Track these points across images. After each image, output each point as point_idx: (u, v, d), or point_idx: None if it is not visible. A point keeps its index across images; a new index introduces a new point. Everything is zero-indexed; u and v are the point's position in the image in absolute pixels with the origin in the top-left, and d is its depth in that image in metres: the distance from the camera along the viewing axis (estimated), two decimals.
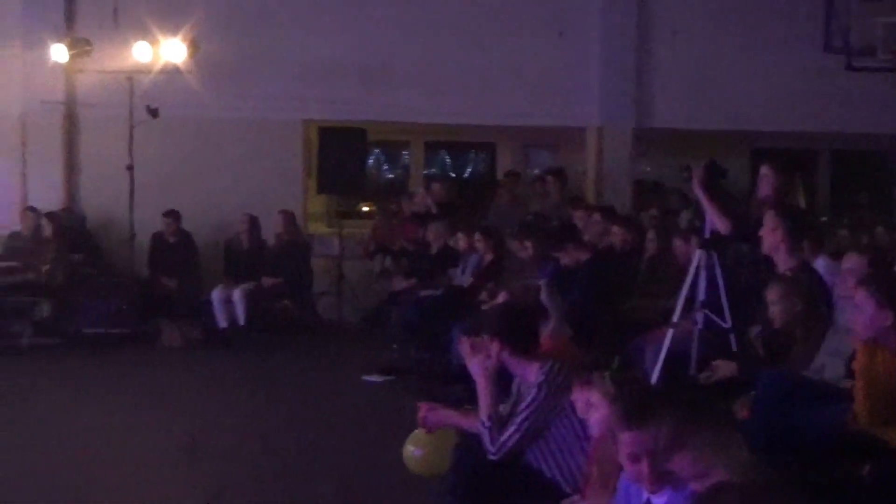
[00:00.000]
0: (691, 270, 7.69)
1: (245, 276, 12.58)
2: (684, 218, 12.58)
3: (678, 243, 9.16)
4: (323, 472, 7.12)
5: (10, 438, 8.00)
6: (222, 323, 12.37)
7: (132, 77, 13.15)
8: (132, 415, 8.85)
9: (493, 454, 5.26)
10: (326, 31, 13.83)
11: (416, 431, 6.00)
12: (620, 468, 3.97)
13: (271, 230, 13.02)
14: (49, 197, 13.35)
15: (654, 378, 7.18)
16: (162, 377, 10.65)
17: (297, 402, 9.42)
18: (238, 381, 10.44)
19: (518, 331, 5.45)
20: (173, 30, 13.23)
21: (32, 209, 13.09)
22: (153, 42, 13.15)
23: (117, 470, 7.25)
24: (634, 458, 3.71)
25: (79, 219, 13.49)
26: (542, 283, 8.58)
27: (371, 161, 15.37)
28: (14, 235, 13.18)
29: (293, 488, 6.84)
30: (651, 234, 9.93)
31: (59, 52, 13.12)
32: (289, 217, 13.06)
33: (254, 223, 12.89)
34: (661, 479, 3.66)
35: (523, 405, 5.25)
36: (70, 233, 12.93)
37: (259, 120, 13.68)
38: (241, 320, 12.32)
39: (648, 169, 15.37)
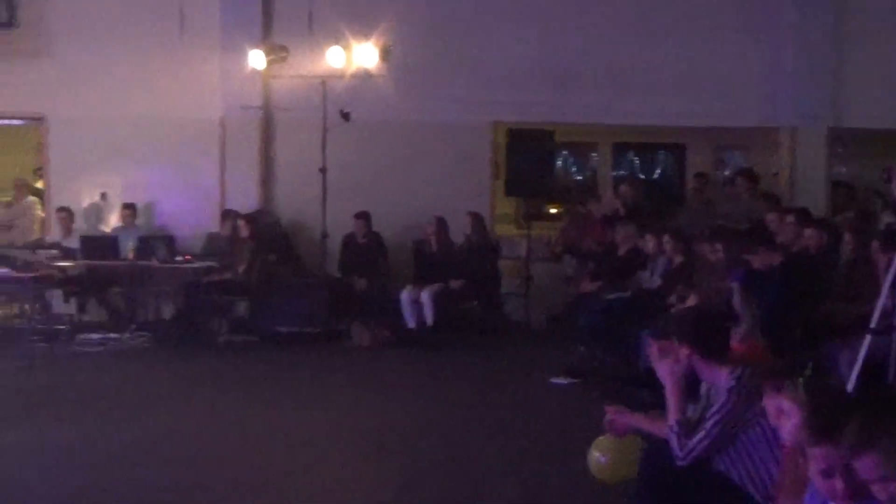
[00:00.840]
0: (890, 274, 7.41)
1: (433, 277, 12.71)
2: (883, 220, 12.13)
3: (876, 246, 8.84)
4: (507, 474, 7.13)
5: (204, 432, 8.27)
6: (411, 323, 12.53)
7: (326, 81, 13.46)
8: (322, 411, 9.04)
9: (682, 460, 5.18)
10: (516, 33, 13.86)
11: (602, 437, 5.95)
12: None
13: (460, 232, 13.12)
14: (246, 199, 13.77)
15: (850, 386, 6.95)
16: (351, 375, 10.85)
17: (482, 403, 9.46)
18: (425, 380, 10.57)
19: (708, 335, 5.34)
20: (366, 35, 13.49)
21: (230, 211, 13.52)
22: (346, 47, 13.43)
23: (305, 465, 7.41)
24: (827, 474, 3.52)
25: (274, 220, 13.87)
26: (733, 286, 8.40)
27: (559, 163, 15.32)
28: (213, 236, 13.64)
29: (477, 489, 6.87)
30: (848, 237, 9.62)
31: (256, 59, 13.54)
32: (477, 219, 13.14)
33: (442, 225, 13.01)
34: (857, 495, 3.45)
35: (713, 411, 5.15)
36: (266, 234, 13.31)
37: (449, 123, 13.81)
38: (430, 321, 12.46)
39: (844, 170, 14.88)
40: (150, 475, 7.01)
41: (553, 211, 15.24)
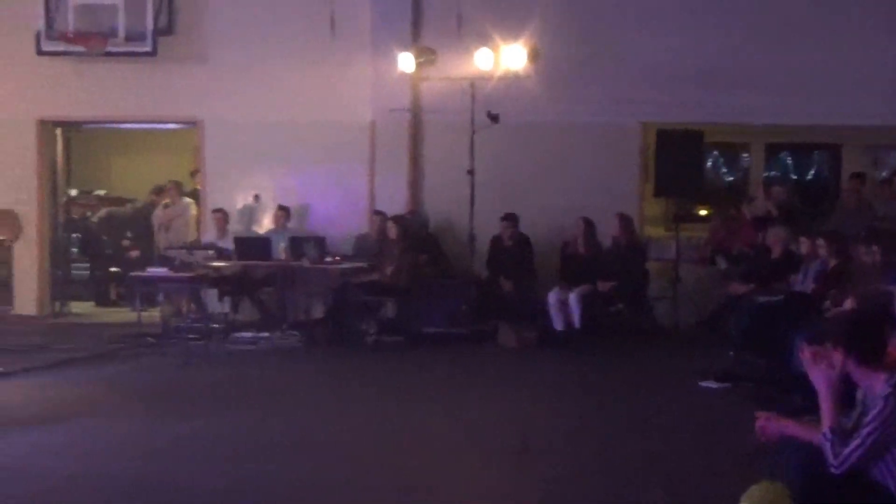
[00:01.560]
0: None
1: (581, 279, 12.64)
2: None
3: None
4: (654, 478, 7.05)
5: (350, 430, 8.37)
6: (558, 325, 12.50)
7: (474, 83, 13.52)
8: (467, 412, 9.06)
9: (836, 468, 5.04)
10: (665, 33, 13.72)
11: (753, 488, 5.74)
12: None
13: (608, 233, 13.03)
14: (395, 200, 13.91)
15: None
16: (497, 377, 10.87)
17: (630, 407, 9.37)
18: (572, 383, 10.51)
19: (864, 339, 5.19)
20: (514, 36, 13.50)
21: (379, 212, 13.68)
22: (495, 49, 13.47)
23: (449, 465, 7.45)
24: None
25: (422, 222, 13.98)
26: (891, 289, 8.15)
27: (709, 163, 15.09)
28: (362, 237, 13.82)
29: (622, 493, 6.81)
30: None
31: (406, 62, 13.67)
32: (626, 220, 13.03)
33: (590, 226, 12.94)
34: None
35: (869, 418, 5.01)
36: (414, 235, 13.42)
37: (597, 124, 13.75)
38: (577, 323, 12.40)
39: None
40: (301, 470, 7.13)
41: (702, 212, 15.01)
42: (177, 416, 8.81)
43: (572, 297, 12.43)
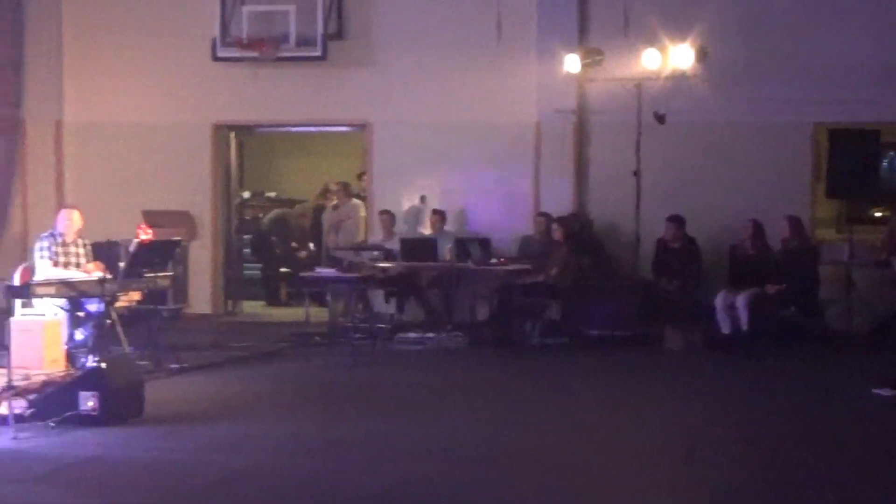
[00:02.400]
0: None
1: (749, 282, 12.40)
2: None
3: None
4: (824, 488, 6.85)
5: (512, 432, 8.37)
6: (725, 329, 12.28)
7: (641, 84, 13.40)
8: (631, 415, 8.97)
9: None
10: (839, 31, 13.38)
11: None
12: None
13: (777, 236, 12.74)
14: (559, 202, 13.88)
15: None
16: (662, 380, 10.74)
17: (800, 413, 9.14)
18: (739, 388, 10.31)
19: None
20: (682, 36, 13.33)
21: (544, 214, 13.66)
22: (662, 49, 13.32)
23: (610, 470, 7.37)
24: None
25: (587, 223, 13.90)
26: None
27: (885, 164, 14.59)
28: (527, 239, 13.82)
29: (789, 500, 6.64)
30: None
31: (572, 63, 13.63)
32: (796, 222, 12.73)
33: (759, 229, 12.67)
34: None
35: None
36: (579, 237, 13.36)
37: (766, 123, 13.48)
38: (745, 326, 12.16)
39: None
40: (461, 473, 7.14)
41: (877, 214, 14.53)
42: (342, 415, 8.97)
43: (740, 300, 12.19)
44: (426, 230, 14.27)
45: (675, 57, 13.35)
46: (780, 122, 13.46)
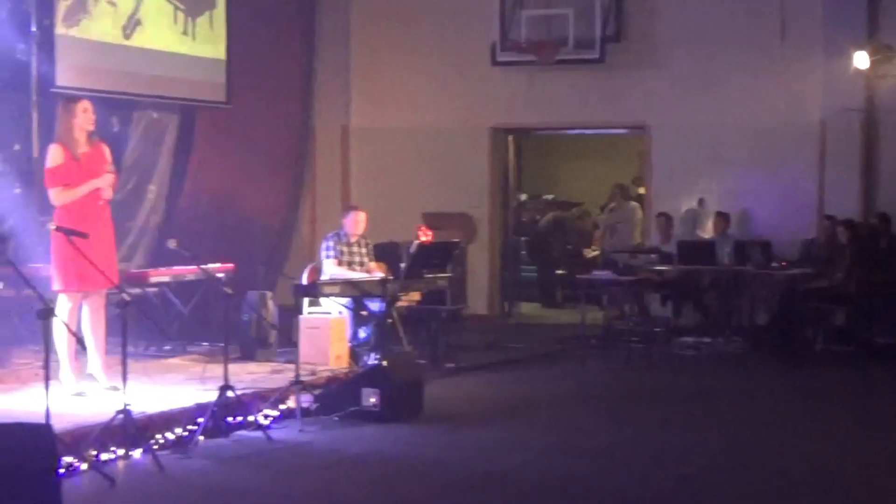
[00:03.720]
0: None
1: None
2: None
3: None
4: None
5: (787, 446, 8.09)
6: None
7: None
8: None
9: None
10: None
11: None
12: None
13: None
14: (845, 204, 13.35)
15: None
16: None
17: None
18: None
19: None
20: None
21: (830, 217, 13.17)
22: None
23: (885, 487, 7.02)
24: None
25: (878, 225, 13.30)
26: None
27: None
28: (809, 242, 13.37)
29: None
30: None
31: (860, 59, 13.13)
32: None
33: None
34: None
35: None
36: (865, 241, 12.80)
37: None
38: None
39: None
40: (741, 483, 6.98)
41: None
42: (614, 419, 8.93)
43: None
44: (704, 233, 14.01)
45: None
46: None
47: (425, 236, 11.36)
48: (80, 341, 7.56)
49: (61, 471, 6.04)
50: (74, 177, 8.25)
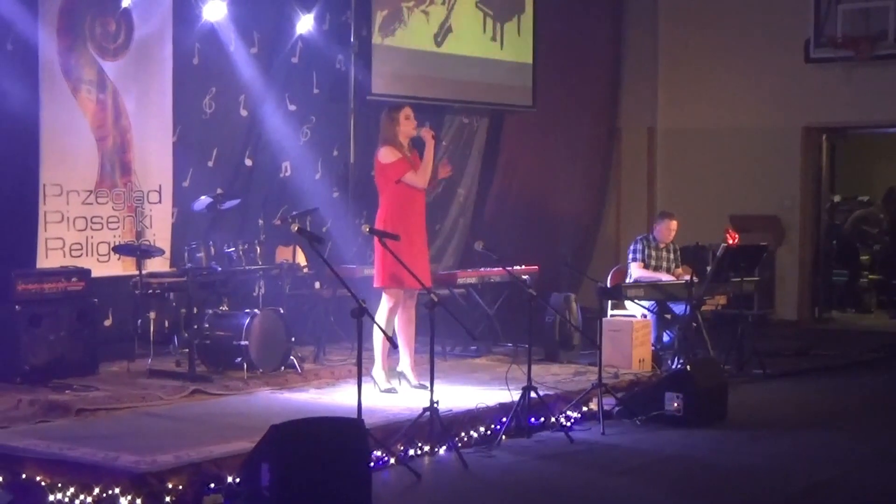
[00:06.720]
0: None
1: None
2: None
3: None
4: None
5: None
6: None
7: None
8: None
9: None
10: None
11: None
12: None
13: None
14: None
15: None
16: None
17: None
18: None
19: None
20: None
21: None
22: None
23: None
24: None
25: None
26: None
27: None
28: None
29: None
30: None
31: None
32: None
33: None
34: None
35: None
36: None
37: None
38: None
39: None
40: None
41: None
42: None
43: None
44: None
45: None
46: None
47: (732, 239, 11.14)
48: (391, 340, 7.87)
49: (371, 464, 6.32)
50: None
